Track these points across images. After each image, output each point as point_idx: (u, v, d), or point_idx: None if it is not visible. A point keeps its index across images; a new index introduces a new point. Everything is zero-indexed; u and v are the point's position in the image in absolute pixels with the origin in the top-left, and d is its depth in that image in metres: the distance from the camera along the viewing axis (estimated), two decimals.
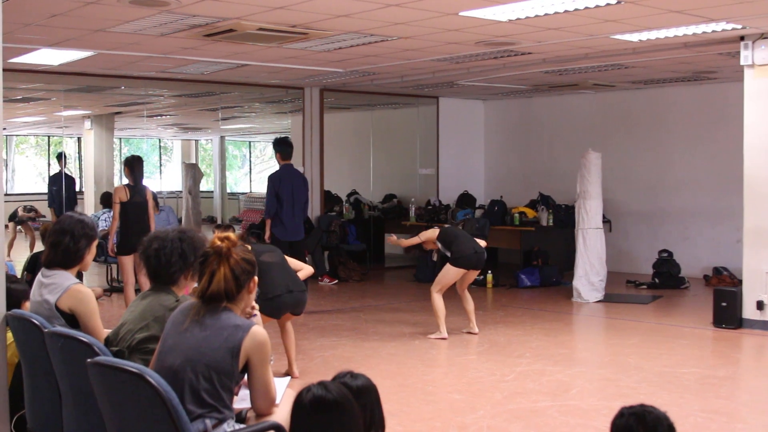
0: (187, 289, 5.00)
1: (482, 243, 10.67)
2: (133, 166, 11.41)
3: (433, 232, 10.74)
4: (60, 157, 18.31)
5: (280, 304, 8.10)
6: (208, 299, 4.08)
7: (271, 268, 8.10)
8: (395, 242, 11.25)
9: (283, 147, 12.28)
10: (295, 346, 8.62)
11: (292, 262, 8.57)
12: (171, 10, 9.04)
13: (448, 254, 10.51)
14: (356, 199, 18.72)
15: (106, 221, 14.31)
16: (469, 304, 10.76)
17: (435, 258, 15.56)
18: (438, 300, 10.46)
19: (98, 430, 4.18)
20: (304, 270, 8.64)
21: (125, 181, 11.55)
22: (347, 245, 16.65)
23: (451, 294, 10.65)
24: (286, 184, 11.93)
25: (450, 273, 10.45)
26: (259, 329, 4.05)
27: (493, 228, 15.54)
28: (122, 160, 18.45)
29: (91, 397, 4.07)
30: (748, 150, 10.96)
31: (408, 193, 18.70)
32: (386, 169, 19.47)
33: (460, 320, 11.00)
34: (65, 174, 17.68)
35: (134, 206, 11.14)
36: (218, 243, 4.12)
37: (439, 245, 10.63)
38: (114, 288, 14.30)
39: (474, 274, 10.68)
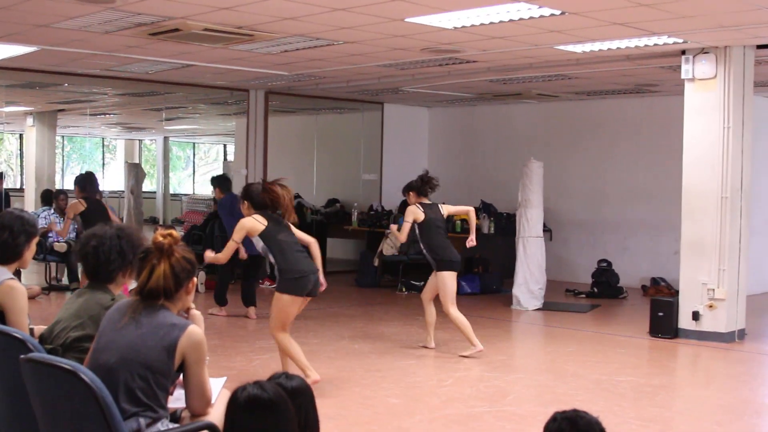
0: (126, 287, 4.97)
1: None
2: (84, 185, 11.44)
3: (416, 213, 10.01)
4: None
5: (307, 282, 7.83)
6: (146, 295, 4.05)
7: (291, 247, 7.88)
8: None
9: (221, 182, 12.55)
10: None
11: (299, 234, 8.17)
12: (116, 8, 8.98)
13: (424, 249, 10.08)
14: (299, 202, 18.67)
15: (46, 219, 14.19)
16: (432, 316, 10.32)
17: (376, 263, 15.63)
18: (458, 316, 9.88)
19: (31, 429, 4.14)
20: (313, 243, 8.19)
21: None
22: None
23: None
24: (224, 214, 12.02)
25: (450, 281, 10.03)
26: (195, 329, 4.03)
27: None
28: (63, 156, 18.22)
29: (24, 395, 4.03)
30: (687, 163, 11.10)
31: (351, 198, 18.71)
32: (330, 174, 19.47)
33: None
34: None
35: (93, 213, 11.07)
36: (160, 239, 4.10)
37: (416, 231, 10.05)
38: (52, 286, 14.17)
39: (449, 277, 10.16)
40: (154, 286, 4.04)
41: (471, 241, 10.27)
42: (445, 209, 10.20)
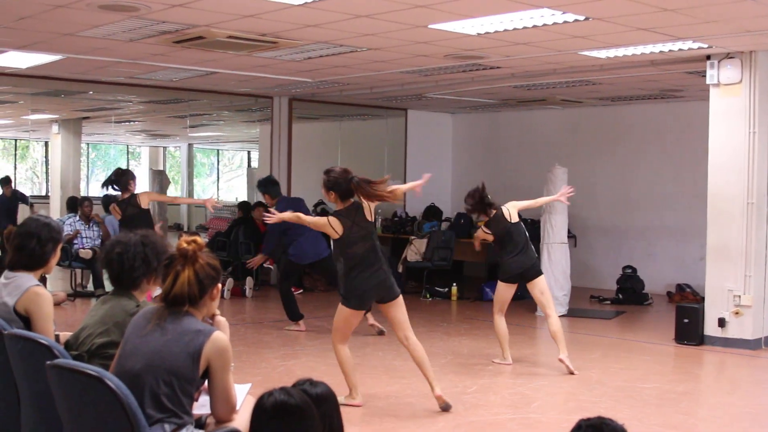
0: (150, 294, 4.98)
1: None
2: (118, 181, 11.52)
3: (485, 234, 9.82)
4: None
5: (366, 298, 7.64)
6: (171, 302, 4.06)
7: (357, 263, 7.55)
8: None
9: (269, 187, 12.03)
10: (427, 361, 7.82)
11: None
12: (140, 16, 9.03)
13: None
14: (323, 209, 18.69)
15: (71, 226, 14.26)
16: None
17: (400, 270, 15.61)
18: (499, 323, 9.74)
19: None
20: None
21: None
22: None
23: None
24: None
25: (500, 290, 9.84)
26: (220, 335, 4.03)
27: (459, 241, 15.57)
28: (89, 163, 18.22)
29: (50, 400, 4.05)
30: (712, 168, 11.04)
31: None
32: None
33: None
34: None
35: (132, 219, 11.03)
36: (185, 245, 4.10)
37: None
38: (78, 293, 14.22)
39: (534, 287, 9.78)
40: (178, 293, 4.05)
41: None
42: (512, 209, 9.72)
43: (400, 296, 7.72)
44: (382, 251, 7.88)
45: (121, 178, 11.69)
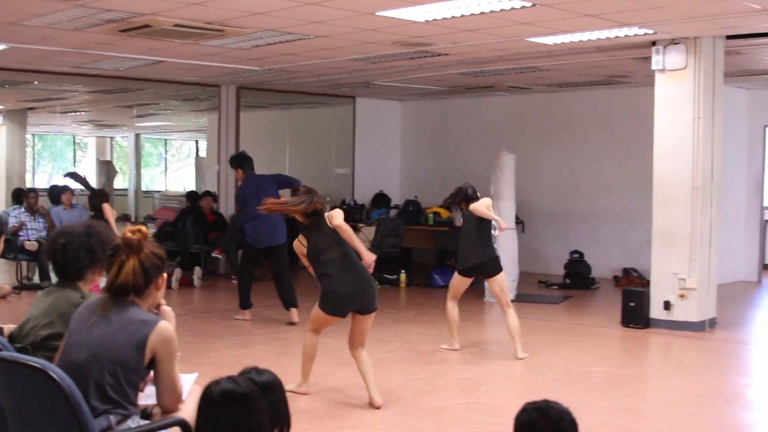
0: (96, 285, 4.94)
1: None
2: (91, 202, 11.81)
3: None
4: None
5: (339, 305, 7.46)
6: (116, 292, 4.03)
7: (327, 267, 7.44)
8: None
9: (241, 161, 11.86)
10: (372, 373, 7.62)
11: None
12: (85, 4, 8.95)
13: None
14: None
15: (16, 218, 14.09)
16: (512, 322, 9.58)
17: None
18: (451, 308, 9.77)
19: (0, 427, 4.12)
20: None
21: None
22: None
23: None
24: (251, 194, 11.37)
25: (455, 281, 9.84)
26: (165, 325, 4.01)
27: (408, 228, 15.59)
28: (35, 154, 18.07)
29: None
30: (658, 153, 11.15)
31: (323, 193, 18.36)
32: (302, 169, 19.40)
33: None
34: None
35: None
36: (129, 235, 4.08)
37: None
38: (24, 285, 14.06)
39: (493, 283, 9.66)
40: (123, 283, 4.02)
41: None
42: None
43: (375, 311, 7.59)
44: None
45: (96, 199, 11.92)
